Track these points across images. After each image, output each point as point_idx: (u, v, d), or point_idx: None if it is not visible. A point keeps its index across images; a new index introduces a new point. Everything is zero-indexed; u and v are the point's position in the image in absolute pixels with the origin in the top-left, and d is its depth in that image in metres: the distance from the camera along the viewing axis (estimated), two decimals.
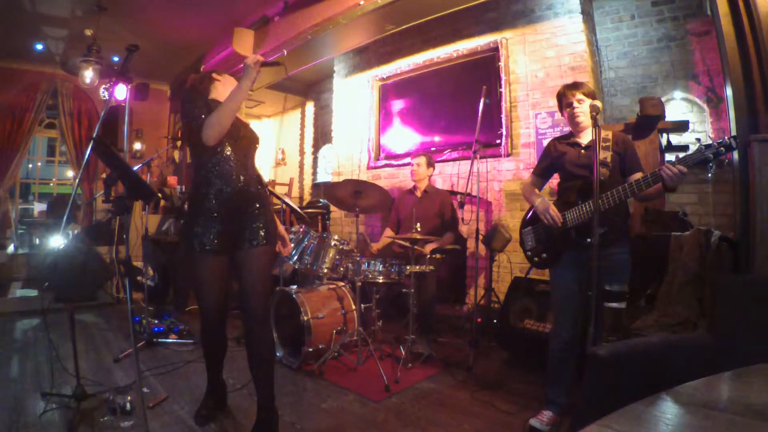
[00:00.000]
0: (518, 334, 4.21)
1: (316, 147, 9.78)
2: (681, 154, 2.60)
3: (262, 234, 2.75)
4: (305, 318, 4.02)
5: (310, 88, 9.97)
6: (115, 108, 6.90)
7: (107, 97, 4.05)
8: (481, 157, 5.15)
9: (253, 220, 2.75)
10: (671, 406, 1.20)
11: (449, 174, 6.16)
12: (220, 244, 2.74)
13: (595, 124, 2.61)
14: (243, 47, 6.94)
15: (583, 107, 3.00)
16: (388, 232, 5.41)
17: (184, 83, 9.42)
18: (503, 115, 5.69)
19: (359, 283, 4.25)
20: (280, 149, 10.54)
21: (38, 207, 12.36)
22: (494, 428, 3.04)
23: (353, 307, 4.40)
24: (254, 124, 2.93)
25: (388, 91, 7.33)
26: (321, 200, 8.11)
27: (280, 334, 4.35)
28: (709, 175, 4.77)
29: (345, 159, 7.86)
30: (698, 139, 2.63)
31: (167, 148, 9.76)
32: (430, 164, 5.40)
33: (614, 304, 2.91)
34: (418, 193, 5.37)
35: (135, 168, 3.02)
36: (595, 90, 3.27)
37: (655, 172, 2.60)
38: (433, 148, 6.55)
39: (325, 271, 4.34)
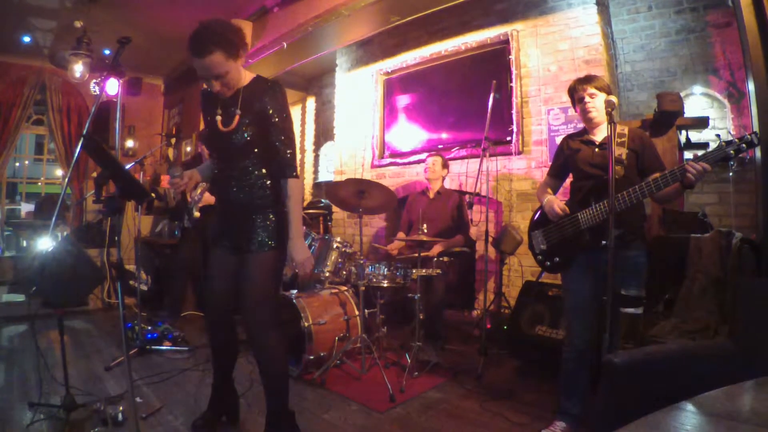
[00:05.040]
0: (530, 341, 4.21)
1: (318, 144, 9.79)
2: (700, 152, 2.60)
3: (259, 241, 2.70)
4: (306, 324, 4.03)
5: (312, 83, 9.98)
6: (106, 103, 6.94)
7: (98, 92, 4.06)
8: (490, 155, 5.15)
9: (250, 227, 2.72)
10: (691, 416, 1.20)
11: (457, 173, 6.16)
12: (224, 242, 2.84)
13: (610, 120, 2.61)
14: None
15: (595, 102, 3.00)
16: (401, 235, 5.43)
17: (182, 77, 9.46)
18: (514, 111, 5.70)
19: (363, 288, 4.25)
20: None
21: (25, 207, 12.40)
22: None
23: (356, 312, 4.40)
24: None
25: (393, 85, 7.34)
26: (322, 200, 8.12)
27: None
28: (730, 174, 4.77)
29: (348, 157, 7.88)
30: (718, 136, 2.62)
31: (161, 145, 9.79)
32: (445, 165, 5.49)
33: (631, 310, 2.92)
34: (431, 194, 5.43)
35: (127, 166, 3.03)
36: (609, 84, 3.26)
37: (674, 170, 2.60)
38: (440, 146, 6.56)
39: (327, 274, 4.34)
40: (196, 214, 5.55)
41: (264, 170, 2.75)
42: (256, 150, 2.71)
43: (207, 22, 2.57)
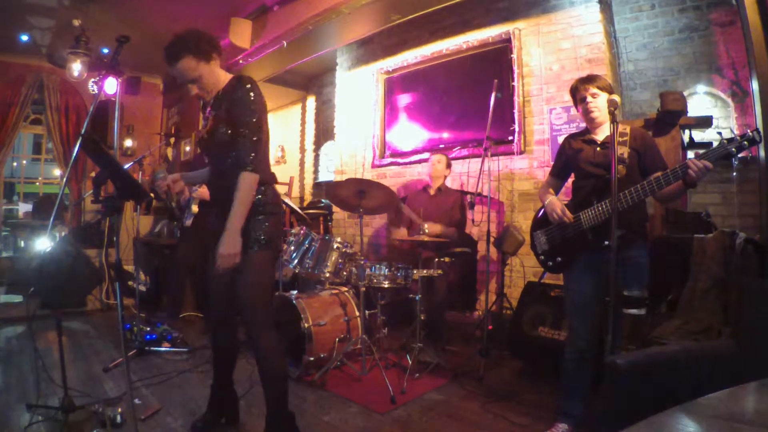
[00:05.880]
0: (531, 342, 4.22)
1: (318, 144, 9.78)
2: (702, 151, 2.60)
3: (250, 240, 2.69)
4: (306, 325, 4.03)
5: (312, 82, 9.97)
6: (105, 103, 6.92)
7: (96, 92, 4.06)
8: (492, 155, 5.15)
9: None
10: (694, 418, 1.20)
11: (459, 173, 6.16)
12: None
13: (613, 120, 2.61)
14: (240, 39, 6.96)
15: (597, 102, 3.00)
16: (401, 231, 5.51)
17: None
18: (516, 111, 5.69)
19: (363, 289, 4.25)
20: (280, 146, 10.54)
21: (23, 207, 12.41)
22: None
23: (357, 313, 4.41)
24: None
25: (394, 84, 7.34)
26: (323, 200, 8.11)
27: None
28: (734, 173, 4.76)
29: (348, 157, 7.87)
30: (720, 134, 2.62)
31: (160, 145, 9.79)
32: (449, 165, 5.55)
33: (633, 311, 2.91)
34: (432, 191, 5.44)
35: (126, 166, 3.04)
36: (612, 83, 3.27)
37: (675, 168, 2.60)
38: (441, 145, 6.56)
39: (327, 275, 4.34)
40: (195, 209, 5.56)
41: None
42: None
43: (180, 32, 2.68)
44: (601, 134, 3.06)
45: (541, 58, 5.59)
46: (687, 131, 4.77)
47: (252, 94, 2.71)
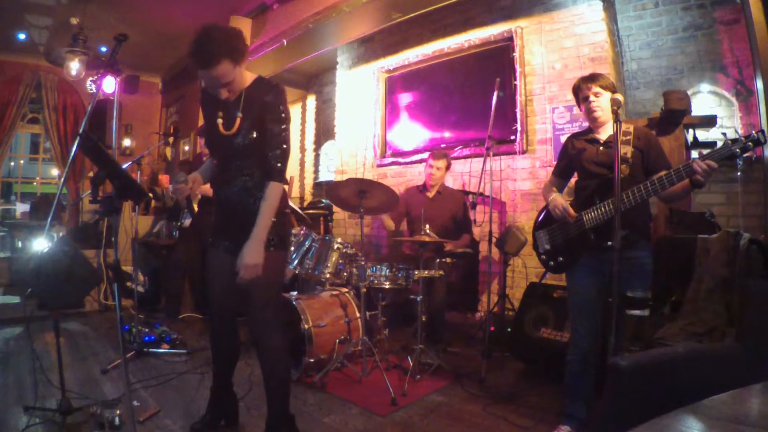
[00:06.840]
0: (534, 343, 4.21)
1: (318, 143, 9.78)
2: (706, 151, 2.60)
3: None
4: (306, 326, 4.03)
5: (312, 81, 9.98)
6: (103, 102, 6.90)
7: (94, 90, 4.06)
8: (494, 155, 5.15)
9: (252, 227, 2.67)
10: (698, 420, 1.20)
11: (460, 172, 6.16)
12: (224, 242, 2.85)
13: (616, 119, 2.61)
14: None
15: (600, 101, 3.00)
16: (388, 220, 5.58)
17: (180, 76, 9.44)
18: (518, 110, 5.68)
19: (364, 290, 4.25)
20: None
21: (21, 208, 12.39)
22: None
23: (357, 314, 4.40)
24: None
25: (395, 83, 7.34)
26: (323, 200, 8.11)
27: None
28: (738, 173, 4.76)
29: (349, 156, 7.88)
30: (724, 134, 2.62)
31: (159, 144, 9.79)
32: (449, 167, 5.52)
33: (636, 312, 2.91)
34: (431, 194, 5.41)
35: (124, 166, 3.03)
36: (615, 82, 3.26)
37: (679, 168, 2.60)
38: (443, 145, 6.54)
39: (328, 276, 4.34)
40: (194, 207, 5.56)
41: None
42: (257, 152, 2.70)
43: (208, 29, 2.50)
44: (604, 133, 3.05)
45: (544, 57, 5.59)
46: (691, 130, 4.77)
47: (283, 101, 2.72)
